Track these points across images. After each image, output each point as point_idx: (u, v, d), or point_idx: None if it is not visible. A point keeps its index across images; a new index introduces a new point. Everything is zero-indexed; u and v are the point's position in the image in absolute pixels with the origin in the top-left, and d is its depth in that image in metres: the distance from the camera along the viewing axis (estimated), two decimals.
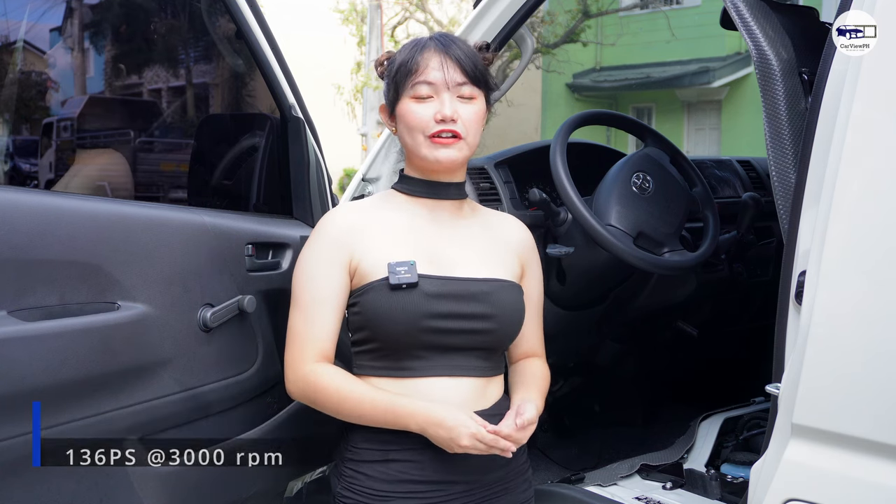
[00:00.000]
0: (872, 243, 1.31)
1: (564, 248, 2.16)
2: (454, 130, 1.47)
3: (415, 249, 1.49)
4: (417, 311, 1.44)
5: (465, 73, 1.48)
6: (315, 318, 1.47)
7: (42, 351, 1.30)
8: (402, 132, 1.52)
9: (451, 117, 1.46)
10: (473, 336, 1.48)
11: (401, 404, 1.42)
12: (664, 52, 14.35)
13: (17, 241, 1.29)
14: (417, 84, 1.47)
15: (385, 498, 1.45)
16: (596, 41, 14.96)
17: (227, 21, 1.97)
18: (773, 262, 2.60)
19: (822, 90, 1.40)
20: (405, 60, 1.49)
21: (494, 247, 1.58)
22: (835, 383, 1.35)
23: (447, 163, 1.49)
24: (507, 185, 2.35)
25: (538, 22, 12.66)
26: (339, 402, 1.44)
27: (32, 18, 2.60)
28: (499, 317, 1.50)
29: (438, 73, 1.47)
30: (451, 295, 1.47)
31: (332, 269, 1.48)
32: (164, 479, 1.52)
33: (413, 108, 1.48)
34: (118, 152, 2.63)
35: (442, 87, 1.47)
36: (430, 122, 1.47)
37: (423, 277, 1.45)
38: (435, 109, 1.47)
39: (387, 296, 1.44)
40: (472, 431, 1.37)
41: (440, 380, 1.47)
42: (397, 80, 1.50)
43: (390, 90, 1.52)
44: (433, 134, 1.47)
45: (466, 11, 14.02)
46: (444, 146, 1.47)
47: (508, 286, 1.53)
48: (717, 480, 2.10)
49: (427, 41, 1.51)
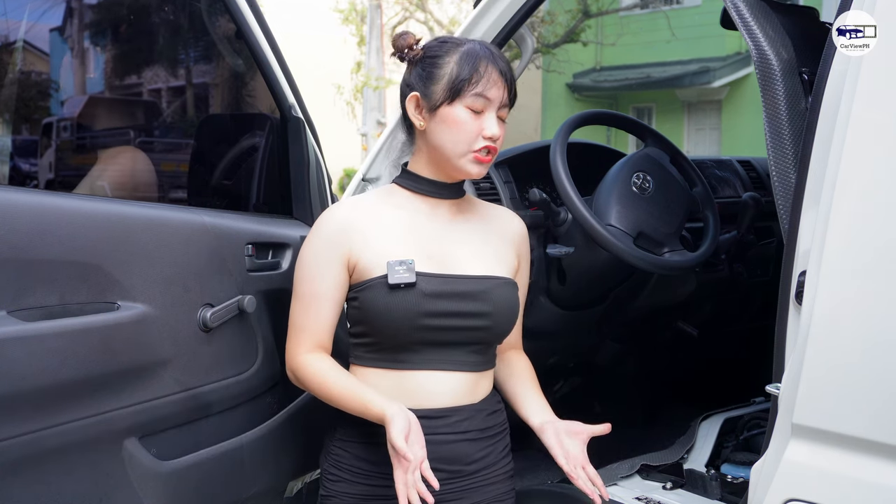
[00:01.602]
0: (872, 243, 1.31)
1: (564, 248, 2.16)
2: (496, 149, 1.53)
3: (414, 246, 1.52)
4: (415, 311, 1.47)
5: (510, 95, 1.53)
6: (312, 311, 1.53)
7: (42, 351, 1.30)
8: (438, 133, 1.51)
9: (498, 137, 1.52)
10: (469, 332, 1.52)
11: (365, 397, 1.44)
12: (664, 52, 14.35)
13: (17, 241, 1.29)
14: (477, 96, 1.49)
15: (367, 475, 1.53)
16: (596, 41, 14.96)
17: (227, 21, 1.97)
18: (773, 262, 2.60)
19: (822, 90, 1.39)
20: (468, 67, 1.48)
21: (492, 242, 1.60)
22: (835, 383, 1.35)
23: (478, 176, 1.55)
24: (507, 185, 2.35)
25: (538, 22, 12.66)
26: (321, 388, 1.50)
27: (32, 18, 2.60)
28: (495, 314, 1.53)
29: (498, 91, 1.50)
30: (449, 293, 1.49)
31: (330, 265, 1.51)
32: (165, 479, 1.52)
33: (466, 119, 1.49)
34: (141, 151, 2.63)
35: (495, 105, 1.51)
36: (478, 136, 1.50)
37: (421, 276, 1.48)
38: (481, 125, 1.50)
39: (385, 294, 1.47)
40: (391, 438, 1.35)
41: (433, 373, 1.51)
42: (457, 84, 1.48)
43: (441, 88, 1.50)
44: (479, 150, 1.51)
45: (466, 11, 14.02)
46: (482, 163, 1.52)
47: (504, 283, 1.56)
48: (717, 480, 2.10)
49: (487, 53, 1.51)
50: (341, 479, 1.55)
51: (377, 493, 1.52)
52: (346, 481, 1.55)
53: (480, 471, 1.56)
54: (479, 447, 1.56)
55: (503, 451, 1.62)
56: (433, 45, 1.55)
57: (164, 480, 1.52)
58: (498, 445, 1.60)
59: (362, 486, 1.54)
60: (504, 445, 1.62)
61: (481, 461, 1.56)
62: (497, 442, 1.60)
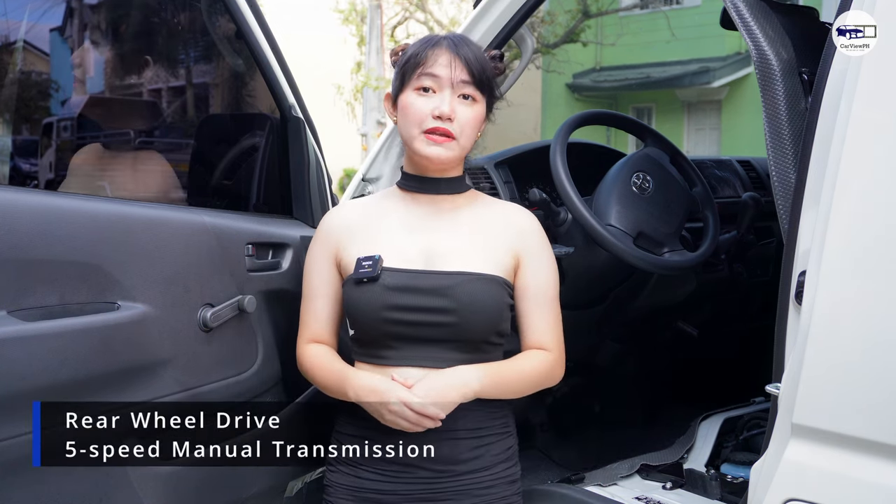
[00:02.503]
0: (872, 243, 1.31)
1: (564, 248, 2.16)
2: (448, 130, 1.51)
3: (398, 244, 1.54)
4: (377, 303, 1.50)
5: (470, 74, 1.52)
6: (310, 308, 1.61)
7: (42, 351, 1.30)
8: (400, 123, 1.56)
9: (449, 115, 1.50)
10: (438, 329, 1.51)
11: (345, 373, 1.53)
12: (664, 52, 14.34)
13: (17, 241, 1.29)
14: (423, 76, 1.51)
15: (361, 468, 1.56)
16: (596, 41, 14.95)
17: (227, 21, 1.97)
18: (773, 262, 2.59)
19: (822, 90, 1.39)
20: (416, 52, 1.53)
21: (483, 240, 1.58)
22: (835, 383, 1.35)
23: (436, 160, 1.53)
24: (508, 185, 2.35)
25: (538, 22, 12.65)
26: (313, 371, 1.58)
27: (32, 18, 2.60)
28: (459, 310, 1.50)
29: (445, 69, 1.51)
30: (412, 288, 1.51)
31: (322, 265, 1.60)
32: (165, 479, 1.52)
33: (414, 101, 1.52)
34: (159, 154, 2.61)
35: (446, 83, 1.51)
36: (427, 116, 1.51)
37: (387, 271, 1.51)
38: (434, 104, 1.50)
39: (353, 289, 1.53)
40: (402, 396, 1.45)
41: (412, 370, 1.52)
42: (405, 70, 1.53)
43: (396, 80, 1.56)
44: (428, 130, 1.51)
45: (466, 11, 14.02)
46: (436, 144, 1.51)
47: (476, 279, 1.52)
48: (717, 480, 2.10)
49: (441, 38, 1.55)
50: (338, 471, 1.58)
51: (363, 485, 1.55)
52: (343, 473, 1.57)
53: (471, 472, 1.54)
54: (467, 447, 1.53)
55: (501, 455, 1.58)
56: (411, 44, 1.58)
57: (164, 480, 1.52)
58: (493, 448, 1.56)
59: (356, 479, 1.56)
60: (504, 448, 1.59)
61: (471, 462, 1.54)
62: (491, 444, 1.56)
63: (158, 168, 2.43)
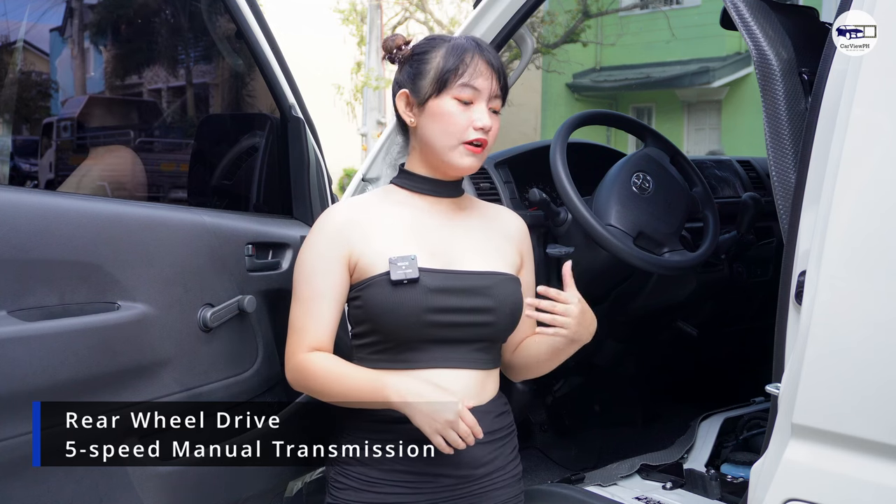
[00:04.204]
0: (872, 243, 1.31)
1: (564, 248, 2.16)
2: (485, 141, 1.51)
3: (416, 243, 1.51)
4: (419, 307, 1.45)
5: (502, 88, 1.53)
6: (313, 312, 1.50)
7: (42, 351, 1.30)
8: (428, 128, 1.52)
9: (488, 128, 1.50)
10: (474, 329, 1.50)
11: (378, 376, 1.43)
12: (664, 52, 14.34)
13: (17, 241, 1.29)
14: (465, 87, 1.49)
15: (374, 483, 1.50)
16: (596, 41, 14.95)
17: (227, 21, 1.97)
18: (773, 262, 2.60)
19: (822, 90, 1.40)
20: (456, 60, 1.50)
21: (493, 239, 1.59)
22: (835, 383, 1.35)
23: (470, 170, 1.53)
24: (507, 185, 2.35)
25: (538, 22, 12.65)
26: (327, 381, 1.47)
27: (32, 18, 2.60)
28: (499, 310, 1.52)
29: (486, 81, 1.50)
30: (453, 289, 1.49)
31: (330, 265, 1.50)
32: (164, 479, 1.52)
33: (454, 110, 1.50)
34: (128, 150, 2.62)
35: (484, 95, 1.50)
36: (468, 128, 1.50)
37: (424, 272, 1.47)
38: (471, 116, 1.50)
39: (388, 291, 1.46)
40: (459, 408, 1.38)
41: (440, 371, 1.49)
42: (444, 77, 1.49)
43: (427, 83, 1.51)
44: (469, 141, 1.50)
45: (466, 11, 14.02)
46: (474, 154, 1.51)
47: (508, 279, 1.55)
48: (717, 480, 2.10)
49: (473, 45, 1.52)
50: (348, 486, 1.51)
51: (385, 500, 1.50)
52: (353, 489, 1.51)
53: (489, 475, 1.53)
54: (487, 450, 1.52)
55: (511, 454, 1.59)
56: (421, 42, 1.56)
57: (164, 480, 1.52)
58: (505, 448, 1.57)
59: (369, 495, 1.50)
60: (512, 448, 1.60)
61: (489, 465, 1.53)
62: (504, 445, 1.57)
63: (128, 164, 2.43)
